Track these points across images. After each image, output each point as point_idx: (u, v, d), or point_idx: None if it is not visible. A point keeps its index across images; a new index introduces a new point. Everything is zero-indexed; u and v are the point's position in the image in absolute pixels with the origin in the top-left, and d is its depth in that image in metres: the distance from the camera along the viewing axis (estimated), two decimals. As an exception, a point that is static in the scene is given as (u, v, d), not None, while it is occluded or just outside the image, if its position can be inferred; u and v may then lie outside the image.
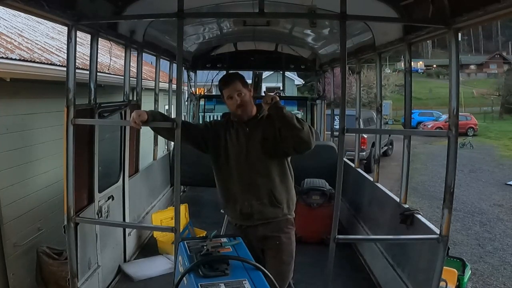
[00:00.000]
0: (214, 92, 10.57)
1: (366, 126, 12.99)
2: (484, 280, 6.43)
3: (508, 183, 13.03)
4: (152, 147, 6.02)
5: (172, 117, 3.20)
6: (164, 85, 7.14)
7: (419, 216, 3.60)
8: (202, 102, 8.78)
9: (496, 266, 6.92)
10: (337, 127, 3.36)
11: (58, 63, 4.98)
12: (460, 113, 3.31)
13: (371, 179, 5.01)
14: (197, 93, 8.39)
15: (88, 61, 3.73)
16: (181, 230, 3.73)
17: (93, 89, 3.68)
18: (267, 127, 2.81)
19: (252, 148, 2.79)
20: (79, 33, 3.27)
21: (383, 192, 4.53)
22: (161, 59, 5.88)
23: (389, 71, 45.29)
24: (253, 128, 2.83)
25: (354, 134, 5.87)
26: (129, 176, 4.74)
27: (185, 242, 2.25)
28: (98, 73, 3.87)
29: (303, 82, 28.73)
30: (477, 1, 2.51)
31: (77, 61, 3.29)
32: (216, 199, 3.21)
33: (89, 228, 3.68)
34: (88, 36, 3.59)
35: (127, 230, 4.60)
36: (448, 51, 3.11)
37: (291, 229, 2.89)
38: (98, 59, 3.87)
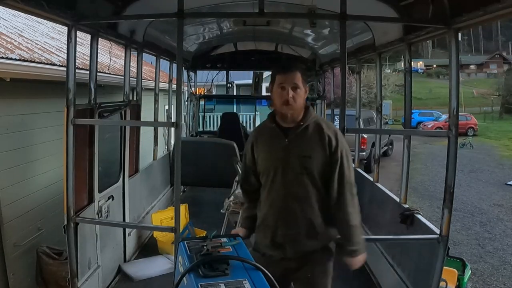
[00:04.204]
0: (214, 92, 10.57)
1: (366, 126, 12.99)
2: (484, 280, 6.42)
3: (508, 183, 13.01)
4: (152, 147, 6.02)
5: (172, 117, 3.19)
6: (164, 85, 7.14)
7: (419, 216, 3.59)
8: (202, 102, 8.78)
9: (496, 266, 6.91)
10: (337, 127, 3.36)
11: (58, 63, 4.98)
12: (460, 113, 3.31)
13: (371, 179, 5.01)
14: (197, 93, 8.39)
15: (88, 61, 3.73)
16: (181, 230, 3.73)
17: (93, 89, 3.69)
18: (311, 143, 2.32)
19: (290, 165, 2.30)
20: (79, 33, 3.27)
21: (383, 192, 4.53)
22: (161, 59, 5.88)
23: (389, 71, 45.30)
24: (293, 139, 2.32)
25: (354, 134, 5.88)
26: (129, 176, 4.74)
27: (185, 242, 2.25)
28: (98, 73, 3.87)
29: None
30: (477, 1, 2.51)
31: (77, 61, 3.29)
32: (216, 199, 3.20)
33: (89, 228, 3.68)
34: (88, 36, 3.59)
35: (127, 230, 4.60)
36: (448, 51, 3.11)
37: (329, 260, 2.43)
38: (98, 59, 3.87)
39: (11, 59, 4.14)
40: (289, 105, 2.26)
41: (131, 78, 4.62)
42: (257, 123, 16.38)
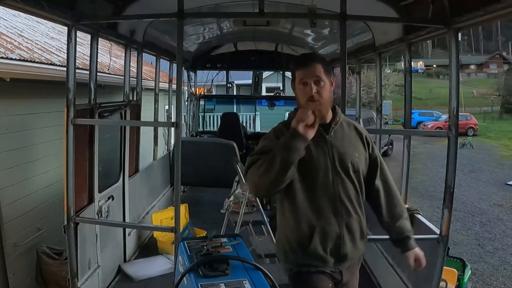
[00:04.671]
0: (214, 92, 10.56)
1: (366, 126, 12.97)
2: (484, 280, 6.43)
3: (508, 183, 13.02)
4: (152, 147, 6.02)
5: (172, 117, 3.19)
6: (164, 85, 7.14)
7: (419, 216, 3.59)
8: (202, 102, 8.78)
9: (496, 266, 6.91)
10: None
11: (58, 63, 4.98)
12: (460, 113, 3.31)
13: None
14: (197, 93, 8.39)
15: (88, 61, 3.73)
16: (181, 230, 3.73)
17: (93, 89, 3.68)
18: (353, 140, 2.20)
19: (337, 163, 2.10)
20: (79, 33, 3.27)
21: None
22: (161, 59, 5.88)
23: (389, 71, 45.28)
24: (334, 136, 2.14)
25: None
26: (129, 176, 4.74)
27: (185, 242, 2.26)
28: (98, 73, 3.87)
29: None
30: (477, 1, 2.50)
31: (77, 61, 3.29)
32: (216, 199, 3.20)
33: (89, 228, 3.68)
34: (88, 36, 3.59)
35: (127, 230, 4.60)
36: (448, 51, 3.11)
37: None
38: (98, 59, 3.87)
39: (11, 59, 4.14)
40: (315, 101, 2.04)
41: (131, 78, 4.62)
42: (257, 123, 16.41)
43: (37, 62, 4.64)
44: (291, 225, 2.10)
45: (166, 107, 7.44)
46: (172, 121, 3.42)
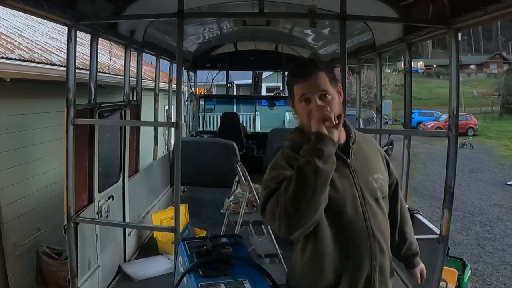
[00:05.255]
0: (214, 92, 10.55)
1: (366, 126, 12.99)
2: (484, 280, 6.43)
3: (508, 183, 13.02)
4: (152, 147, 6.02)
5: (172, 117, 3.18)
6: (164, 85, 7.14)
7: (419, 216, 3.59)
8: (202, 102, 8.78)
9: (496, 266, 6.92)
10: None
11: (58, 63, 4.98)
12: (460, 113, 3.31)
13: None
14: (197, 93, 8.39)
15: (88, 61, 3.73)
16: (181, 230, 3.73)
17: (93, 89, 3.68)
18: (374, 160, 1.86)
19: (365, 191, 1.74)
20: (79, 33, 3.27)
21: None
22: (161, 59, 5.88)
23: (389, 71, 45.26)
24: (355, 159, 1.78)
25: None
26: (129, 176, 4.74)
27: (185, 242, 2.26)
28: (98, 73, 3.87)
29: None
30: (477, 1, 2.50)
31: (77, 61, 3.29)
32: (216, 199, 3.19)
33: (89, 228, 3.68)
34: (88, 36, 3.59)
35: (127, 230, 4.60)
36: (448, 51, 3.11)
37: None
38: (98, 59, 3.87)
39: (11, 59, 4.14)
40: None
41: (131, 78, 4.63)
42: (257, 123, 16.41)
43: (37, 62, 4.64)
44: (313, 269, 1.72)
45: (166, 107, 7.44)
46: (172, 121, 3.42)
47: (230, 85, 9.31)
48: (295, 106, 1.75)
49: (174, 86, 4.63)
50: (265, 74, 17.06)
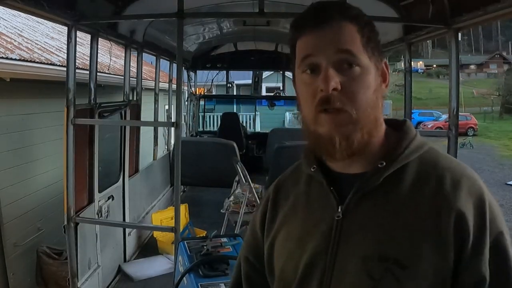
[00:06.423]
0: (214, 92, 10.55)
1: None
2: (484, 280, 6.42)
3: (508, 183, 13.01)
4: (152, 147, 6.02)
5: (172, 117, 3.19)
6: (164, 85, 7.14)
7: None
8: (202, 102, 8.78)
9: (496, 266, 6.91)
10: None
11: (58, 63, 4.98)
12: (460, 113, 3.32)
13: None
14: (197, 93, 8.39)
15: (88, 61, 3.73)
16: (181, 230, 3.73)
17: (93, 89, 3.69)
18: (407, 224, 0.82)
19: (347, 259, 0.85)
20: (79, 33, 3.27)
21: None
22: (161, 59, 5.88)
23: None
24: (354, 209, 0.87)
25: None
26: (129, 176, 4.74)
27: (185, 242, 2.26)
28: (98, 73, 3.87)
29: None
30: (477, 1, 2.51)
31: (77, 61, 3.29)
32: (216, 199, 3.20)
33: (89, 228, 3.68)
34: (88, 36, 3.59)
35: (127, 230, 4.61)
36: (448, 51, 3.11)
37: None
38: (98, 59, 3.87)
39: (11, 59, 4.14)
40: (335, 110, 0.84)
41: (131, 78, 4.63)
42: (257, 123, 16.40)
43: (37, 62, 4.64)
44: None
45: (166, 107, 7.45)
46: (172, 121, 3.43)
47: (230, 85, 9.32)
48: (295, 81, 0.94)
49: (174, 86, 4.63)
50: (265, 74, 17.04)
